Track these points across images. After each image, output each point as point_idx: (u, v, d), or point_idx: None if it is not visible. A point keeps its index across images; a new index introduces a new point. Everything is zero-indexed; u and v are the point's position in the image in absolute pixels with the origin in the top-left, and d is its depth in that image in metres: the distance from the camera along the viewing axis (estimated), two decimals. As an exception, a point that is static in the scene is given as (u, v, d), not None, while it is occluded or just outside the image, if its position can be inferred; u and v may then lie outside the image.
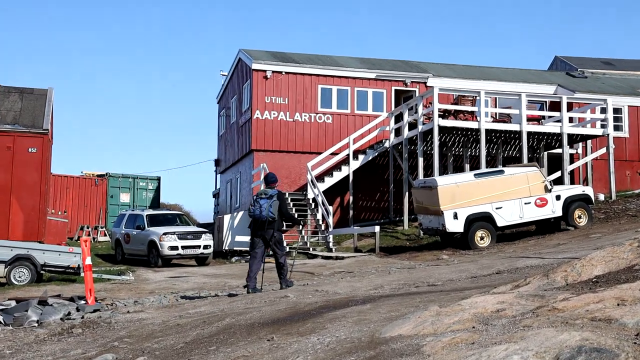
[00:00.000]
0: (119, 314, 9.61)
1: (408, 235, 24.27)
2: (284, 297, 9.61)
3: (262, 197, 11.39)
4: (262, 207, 11.28)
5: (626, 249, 7.08)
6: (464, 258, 17.02)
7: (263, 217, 11.27)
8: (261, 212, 11.27)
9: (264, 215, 11.26)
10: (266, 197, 11.37)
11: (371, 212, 29.05)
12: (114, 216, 32.42)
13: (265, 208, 11.26)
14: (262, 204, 11.30)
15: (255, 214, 11.33)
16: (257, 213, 11.31)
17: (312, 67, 28.91)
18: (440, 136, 24.82)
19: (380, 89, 29.47)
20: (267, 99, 28.29)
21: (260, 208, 11.29)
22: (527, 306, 5.29)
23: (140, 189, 36.33)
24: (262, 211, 11.27)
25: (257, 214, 11.32)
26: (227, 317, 7.97)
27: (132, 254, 24.59)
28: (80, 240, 11.66)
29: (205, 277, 17.83)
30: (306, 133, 28.52)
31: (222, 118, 35.77)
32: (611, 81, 33.79)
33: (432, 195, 19.74)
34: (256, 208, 11.33)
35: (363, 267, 17.19)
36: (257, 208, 11.31)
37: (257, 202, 11.37)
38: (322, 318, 6.89)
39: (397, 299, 7.95)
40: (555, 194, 20.04)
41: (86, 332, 8.47)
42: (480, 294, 6.57)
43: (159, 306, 10.80)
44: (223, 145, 35.45)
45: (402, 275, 12.73)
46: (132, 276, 18.39)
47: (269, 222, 11.32)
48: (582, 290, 5.85)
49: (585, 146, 29.49)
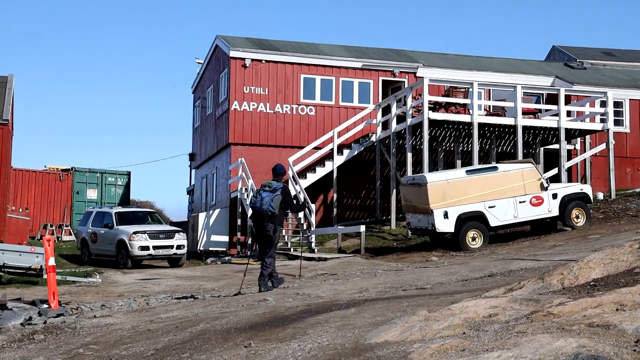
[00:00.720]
0: (85, 319, 9.55)
1: (395, 236, 24.34)
2: (262, 300, 9.60)
3: (265, 190, 11.61)
4: (264, 200, 11.48)
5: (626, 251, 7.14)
6: (454, 260, 17.08)
7: (263, 210, 11.48)
8: (261, 205, 11.49)
9: (264, 208, 11.47)
10: (269, 190, 11.58)
11: (356, 211, 29.09)
12: (80, 214, 32.21)
13: (267, 202, 11.45)
14: (263, 197, 11.51)
15: (256, 206, 11.56)
16: (257, 205, 11.54)
17: (294, 55, 28.87)
18: (430, 130, 24.90)
19: (367, 80, 29.50)
20: (246, 89, 28.22)
21: (262, 201, 11.50)
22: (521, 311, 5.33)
23: (108, 184, 36.12)
24: (262, 204, 11.49)
25: (257, 206, 11.55)
26: (202, 322, 7.95)
27: (99, 255, 24.45)
28: (43, 240, 11.56)
29: (178, 280, 17.78)
30: (287, 126, 28.49)
31: (198, 109, 35.65)
32: (612, 73, 34.06)
33: (421, 193, 19.79)
34: (257, 200, 11.56)
35: (347, 269, 17.21)
36: (258, 200, 11.54)
37: (259, 193, 11.61)
38: (304, 323, 6.89)
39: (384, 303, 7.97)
40: (552, 193, 20.17)
41: (49, 338, 8.41)
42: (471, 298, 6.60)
43: (128, 310, 10.75)
44: (198, 138, 35.33)
45: (389, 278, 12.76)
46: (99, 278, 18.29)
47: (268, 217, 11.51)
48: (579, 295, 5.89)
49: (583, 142, 29.72)
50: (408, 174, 24.23)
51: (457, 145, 26.85)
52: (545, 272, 8.00)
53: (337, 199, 27.88)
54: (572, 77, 31.47)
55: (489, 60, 33.29)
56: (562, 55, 37.78)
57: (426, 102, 23.99)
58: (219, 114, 30.00)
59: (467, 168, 20.98)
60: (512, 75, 30.70)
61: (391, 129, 26.21)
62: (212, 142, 31.68)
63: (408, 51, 32.49)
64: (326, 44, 31.68)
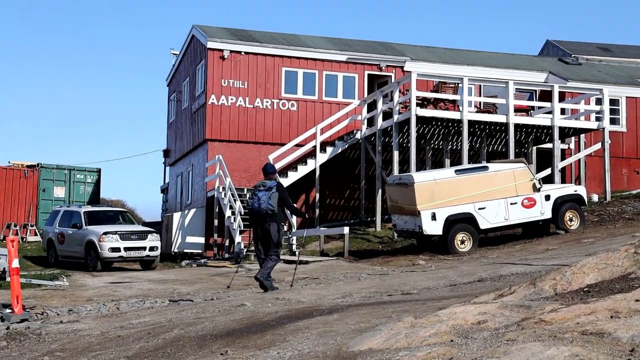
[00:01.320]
0: (51, 325, 9.49)
1: (381, 238, 24.39)
2: (240, 305, 9.59)
3: (260, 190, 11.93)
4: (261, 200, 11.80)
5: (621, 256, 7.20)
6: (442, 264, 17.15)
7: (262, 210, 11.80)
8: (260, 205, 11.81)
9: (263, 208, 11.78)
10: (265, 189, 11.89)
11: (340, 212, 29.13)
12: (47, 213, 31.99)
13: (264, 201, 11.77)
14: (260, 197, 11.83)
15: (254, 207, 11.88)
16: (255, 206, 11.87)
17: (275, 47, 28.84)
18: (418, 127, 24.97)
19: (352, 73, 29.54)
20: (224, 82, 28.16)
21: (259, 201, 11.82)
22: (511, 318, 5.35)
23: (77, 182, 35.90)
24: (260, 204, 11.81)
25: (255, 207, 11.86)
26: (176, 328, 7.93)
27: (67, 256, 24.33)
28: (6, 240, 11.47)
29: (151, 283, 17.72)
30: (268, 121, 28.47)
31: (173, 103, 35.53)
32: (608, 69, 34.33)
33: (408, 193, 19.84)
34: (254, 201, 11.89)
35: (330, 272, 17.22)
36: (256, 201, 11.87)
37: (255, 194, 11.94)
38: (283, 329, 6.89)
39: (368, 308, 7.98)
40: (545, 194, 20.28)
41: (12, 345, 8.35)
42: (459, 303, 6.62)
43: (97, 315, 10.70)
44: (173, 133, 35.22)
45: (374, 283, 12.79)
46: (66, 281, 18.18)
47: (268, 216, 11.81)
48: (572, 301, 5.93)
49: (578, 141, 29.92)
50: (394, 173, 24.28)
51: (446, 144, 26.95)
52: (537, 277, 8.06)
53: (320, 199, 27.90)
54: (566, 73, 31.68)
55: (479, 55, 33.44)
56: (556, 50, 38.03)
57: (414, 98, 24.05)
58: (195, 109, 29.91)
59: (456, 167, 21.05)
60: (504, 70, 30.86)
61: (377, 126, 26.25)
62: (187, 138, 31.59)
63: (395, 44, 32.57)
64: (309, 36, 31.68)
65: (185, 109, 32.21)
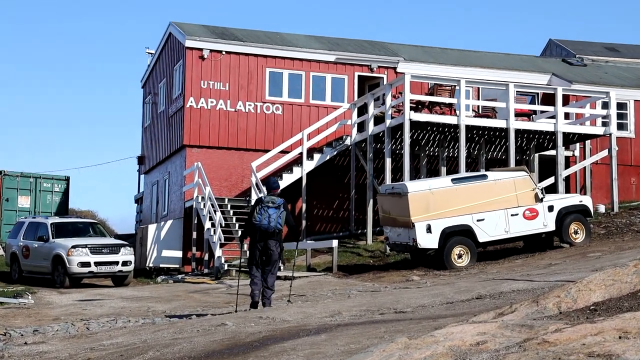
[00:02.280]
0: (14, 346, 9.43)
1: (372, 252, 24.39)
2: (220, 325, 9.57)
3: (269, 206, 12.47)
4: (271, 217, 12.41)
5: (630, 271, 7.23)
6: (438, 280, 17.16)
7: (271, 227, 12.39)
8: (269, 222, 12.39)
9: (272, 226, 12.39)
10: (274, 207, 12.48)
11: (328, 223, 29.11)
12: (10, 224, 31.79)
13: (274, 219, 12.40)
14: (270, 214, 12.42)
15: (263, 225, 12.39)
16: (264, 223, 12.39)
17: (258, 46, 28.86)
18: (412, 133, 25.02)
19: (341, 75, 29.59)
20: (204, 84, 28.14)
21: (269, 218, 12.41)
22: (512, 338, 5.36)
23: (43, 191, 35.72)
24: (270, 221, 12.40)
25: (264, 225, 12.39)
26: (150, 349, 7.89)
27: (32, 272, 24.18)
28: (-33, 254, 11.43)
29: (124, 301, 17.64)
30: (251, 126, 28.45)
31: (148, 106, 35.47)
32: (615, 70, 34.53)
33: (401, 204, 19.86)
34: (264, 217, 12.42)
35: (317, 289, 17.21)
36: (266, 217, 12.41)
37: (265, 210, 12.45)
38: (267, 351, 6.87)
39: (358, 328, 7.98)
40: (548, 205, 20.35)
41: (-28, 368, 8.29)
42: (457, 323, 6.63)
43: (65, 336, 10.64)
44: (148, 139, 35.14)
45: (365, 300, 12.78)
46: (31, 299, 18.08)
47: (276, 234, 12.49)
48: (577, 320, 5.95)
49: (583, 148, 30.05)
50: (387, 182, 24.31)
51: (441, 150, 27.02)
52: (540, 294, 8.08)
53: (307, 209, 27.88)
54: (570, 75, 31.85)
55: (478, 55, 33.58)
56: (559, 50, 38.25)
57: (407, 102, 24.11)
58: (173, 112, 29.87)
59: (453, 176, 21.10)
60: (503, 72, 30.98)
61: (368, 131, 26.29)
62: (164, 143, 31.52)
63: (388, 43, 32.66)
64: (295, 34, 31.72)
65: (162, 112, 32.16)
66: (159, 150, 32.39)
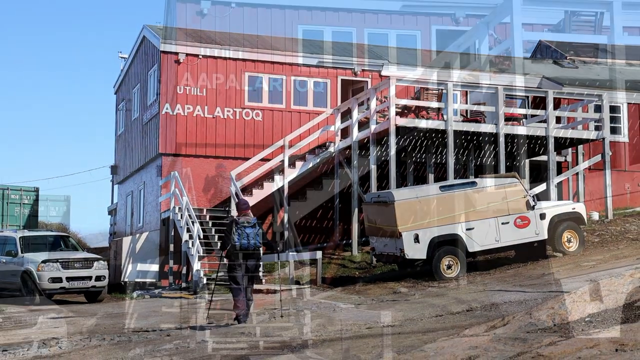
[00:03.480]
0: (-17, 367, 9.36)
1: (358, 263, 24.38)
2: (200, 342, 9.54)
3: (245, 226, 13.92)
4: (250, 236, 13.88)
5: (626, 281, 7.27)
6: (427, 292, 17.18)
7: (252, 246, 13.90)
8: (249, 241, 13.88)
9: (252, 244, 13.90)
10: (250, 226, 13.97)
11: (311, 234, 29.07)
12: (-23, 239, 31.60)
13: (252, 237, 13.89)
14: (248, 233, 13.88)
15: (243, 244, 13.86)
16: (245, 243, 13.86)
17: (237, 49, 28.82)
18: (398, 138, 25.06)
19: (324, 79, 29.60)
20: (180, 90, 28.07)
21: (248, 237, 13.88)
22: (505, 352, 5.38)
23: (11, 203, 35.53)
24: (249, 240, 13.89)
25: (245, 244, 13.85)
26: (126, 369, 7.85)
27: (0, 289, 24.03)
28: None
29: (98, 318, 17.55)
30: (229, 133, 28.40)
31: (121, 113, 35.34)
32: (607, 72, 34.66)
33: (387, 213, 19.88)
34: (242, 237, 13.86)
35: (301, 302, 17.18)
36: (245, 237, 13.86)
37: (242, 230, 13.89)
38: (249, 369, 6.85)
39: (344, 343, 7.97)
40: (540, 212, 20.42)
41: (-61, 390, 8.22)
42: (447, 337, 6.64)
43: (36, 356, 10.58)
44: (122, 147, 35.01)
45: (351, 314, 12.78)
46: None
47: (255, 251, 14.04)
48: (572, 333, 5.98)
49: (575, 152, 30.16)
50: (372, 190, 24.33)
51: (429, 157, 27.07)
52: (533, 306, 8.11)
53: (289, 219, 27.85)
54: (562, 78, 31.99)
55: (465, 57, 33.69)
56: (550, 51, 38.42)
57: (393, 106, 24.15)
58: (147, 119, 29.78)
59: (441, 183, 21.15)
60: (492, 74, 31.09)
61: (352, 138, 26.30)
62: (138, 152, 31.41)
63: (372, 46, 32.73)
64: (275, 37, 31.73)
65: (136, 119, 32.06)
66: (134, 159, 32.27)
